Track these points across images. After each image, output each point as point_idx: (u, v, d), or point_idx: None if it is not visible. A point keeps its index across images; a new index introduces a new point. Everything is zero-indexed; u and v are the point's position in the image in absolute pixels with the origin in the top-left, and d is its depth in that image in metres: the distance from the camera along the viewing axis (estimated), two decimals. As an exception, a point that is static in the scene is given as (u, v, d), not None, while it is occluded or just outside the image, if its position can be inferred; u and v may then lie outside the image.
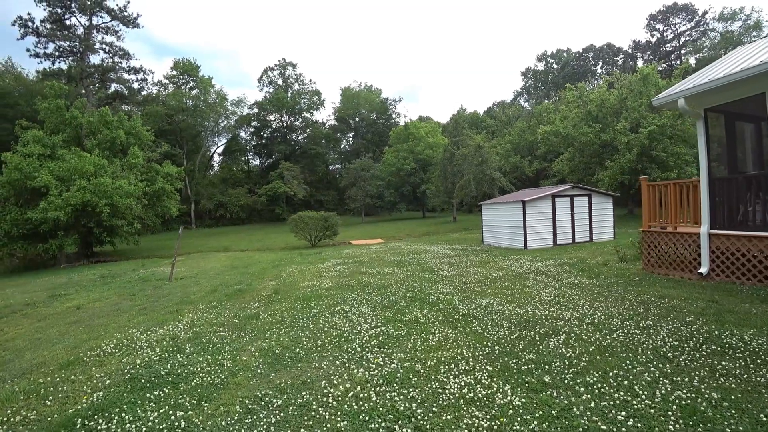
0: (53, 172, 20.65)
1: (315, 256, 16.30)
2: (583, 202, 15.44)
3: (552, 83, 67.61)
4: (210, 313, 7.23)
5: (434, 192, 41.46)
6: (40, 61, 38.71)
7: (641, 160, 24.38)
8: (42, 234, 20.43)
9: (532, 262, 10.68)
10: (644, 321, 5.17)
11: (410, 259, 12.75)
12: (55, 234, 20.70)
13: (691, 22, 54.01)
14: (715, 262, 7.39)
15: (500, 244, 16.00)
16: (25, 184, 20.10)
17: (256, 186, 55.71)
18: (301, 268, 12.50)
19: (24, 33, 37.06)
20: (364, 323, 5.67)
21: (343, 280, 9.35)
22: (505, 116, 59.47)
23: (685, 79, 8.07)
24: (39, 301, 10.53)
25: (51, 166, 20.79)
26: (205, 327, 6.22)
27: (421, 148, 47.18)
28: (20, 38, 37.07)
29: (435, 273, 9.77)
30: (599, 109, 27.20)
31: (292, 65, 63.79)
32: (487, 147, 35.21)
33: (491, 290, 7.47)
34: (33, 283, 14.97)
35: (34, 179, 19.78)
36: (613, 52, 63.51)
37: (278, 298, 7.98)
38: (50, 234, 20.58)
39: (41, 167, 20.57)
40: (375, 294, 7.61)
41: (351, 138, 73.08)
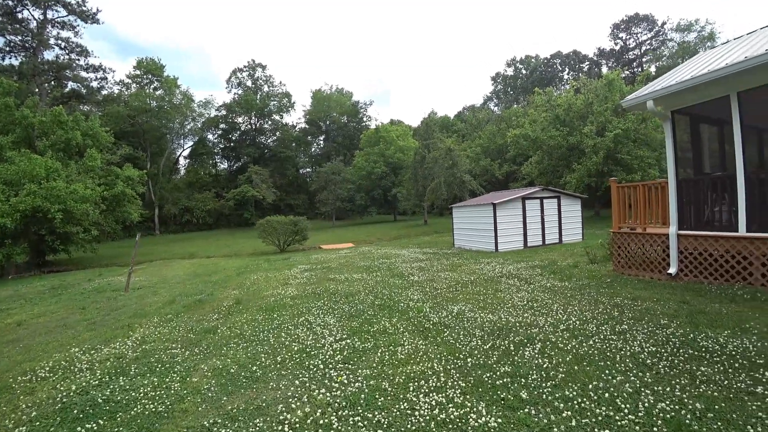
0: (0, 176, 19.21)
1: (283, 262, 15.75)
2: (552, 204, 15.52)
3: (521, 88, 68.92)
4: (164, 327, 6.67)
5: (405, 195, 41.37)
6: (-11, 56, 36.11)
7: (607, 163, 24.96)
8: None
9: (504, 265, 10.54)
10: (619, 325, 5.01)
11: (380, 263, 12.43)
12: (2, 242, 19.25)
13: (651, 32, 56.36)
14: (683, 263, 7.40)
15: (471, 247, 15.89)
16: None
17: (224, 190, 54.11)
18: (267, 275, 11.97)
19: (-30, 25, 34.52)
20: (328, 335, 5.28)
21: (309, 288, 8.92)
22: (476, 120, 60.15)
23: (654, 81, 8.10)
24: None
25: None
26: (157, 344, 5.68)
27: (392, 152, 47.06)
28: None
29: (405, 278, 9.48)
30: (566, 113, 27.76)
31: (262, 66, 62.63)
32: (457, 150, 35.38)
33: (463, 296, 7.21)
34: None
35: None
36: (579, 59, 65.43)
37: (240, 309, 7.48)
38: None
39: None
40: (342, 302, 7.23)
41: (322, 141, 72.38)
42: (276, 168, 58.76)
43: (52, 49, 38.57)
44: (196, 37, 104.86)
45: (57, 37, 38.45)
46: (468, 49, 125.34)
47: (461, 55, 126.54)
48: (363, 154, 49.67)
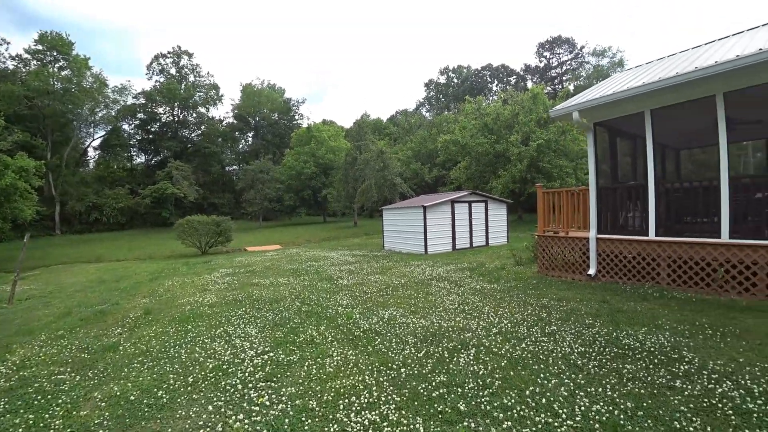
0: None
1: (203, 265, 14.63)
2: (480, 208, 15.95)
3: (452, 96, 71.16)
4: (52, 346, 5.67)
5: (336, 196, 40.86)
6: None
7: (530, 171, 26.40)
8: None
9: (434, 268, 10.54)
10: (549, 326, 5.05)
11: (308, 267, 11.93)
12: None
13: (572, 53, 61.53)
14: (601, 264, 7.80)
15: (401, 249, 15.87)
16: None
17: (140, 186, 49.63)
18: (183, 280, 10.96)
19: None
20: (249, 349, 4.74)
21: (230, 294, 8.22)
22: (408, 124, 61.16)
23: (580, 94, 8.51)
24: None
25: None
26: (39, 368, 4.75)
27: (322, 152, 46.30)
28: None
29: (334, 282, 9.09)
30: (494, 122, 28.94)
31: (188, 54, 58.53)
32: (389, 153, 35.59)
33: (394, 300, 6.99)
34: None
35: None
36: (507, 72, 69.05)
37: (149, 321, 6.64)
38: None
39: None
40: (266, 310, 6.68)
41: (250, 138, 69.42)
42: (200, 164, 55.24)
43: None
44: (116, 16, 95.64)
45: None
46: (403, 54, 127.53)
47: (396, 60, 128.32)
48: (293, 153, 48.32)
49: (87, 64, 47.03)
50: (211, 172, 57.94)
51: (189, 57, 58.59)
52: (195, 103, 58.92)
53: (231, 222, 22.77)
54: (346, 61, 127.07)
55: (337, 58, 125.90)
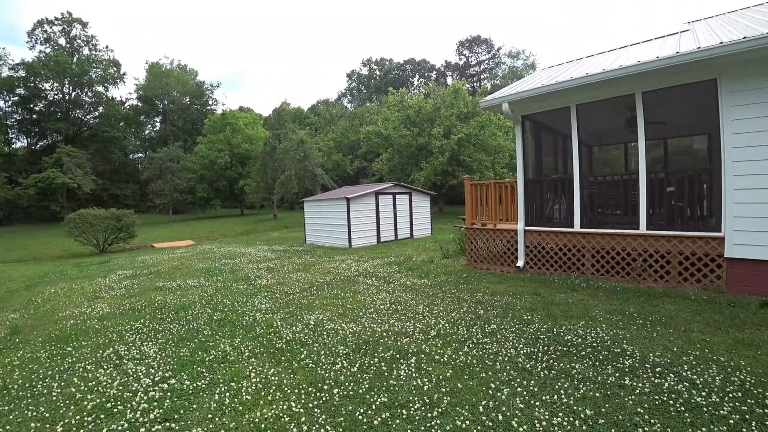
0: None
1: (98, 266, 12.75)
2: (404, 200, 15.75)
3: (374, 88, 71.00)
4: None
5: (253, 188, 38.78)
6: None
7: (451, 164, 26.92)
8: None
9: (359, 263, 10.03)
10: (488, 325, 4.77)
11: (222, 265, 10.79)
12: None
13: (489, 53, 64.61)
14: (529, 256, 7.82)
15: (324, 243, 15.18)
16: None
17: (21, 175, 43.26)
18: (71, 286, 9.31)
19: None
20: (145, 375, 3.81)
21: (128, 302, 6.99)
22: (329, 114, 59.95)
23: (510, 86, 8.48)
24: None
25: None
26: None
27: (238, 140, 43.66)
28: None
29: (251, 282, 8.19)
30: (417, 115, 29.07)
31: (82, 23, 51.58)
32: (310, 143, 34.45)
33: (319, 301, 6.36)
34: None
35: None
36: (428, 67, 70.40)
37: (15, 343, 5.28)
38: None
39: None
40: (170, 320, 5.67)
41: (158, 123, 63.56)
42: (97, 150, 49.17)
43: None
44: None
45: None
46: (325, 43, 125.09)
47: (318, 49, 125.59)
48: (206, 140, 45.02)
49: None
50: (111, 159, 52.14)
51: (83, 26, 51.93)
52: (91, 81, 52.29)
53: (134, 216, 20.45)
54: (265, 47, 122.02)
55: (256, 43, 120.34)
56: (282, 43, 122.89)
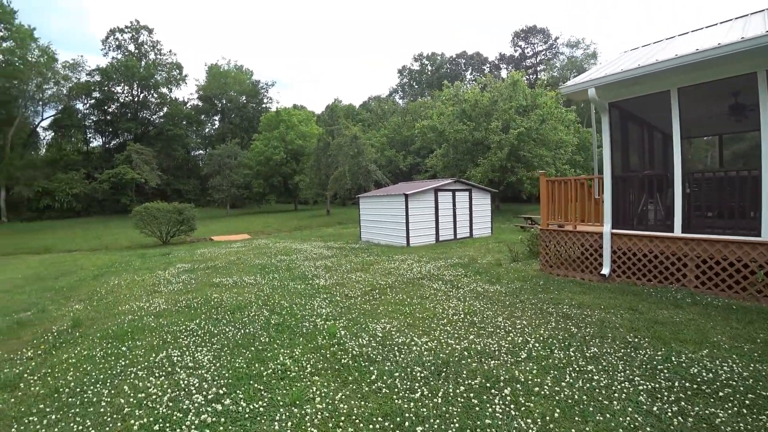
0: None
1: (160, 258, 13.04)
2: (464, 197, 14.94)
3: (426, 83, 69.98)
4: None
5: (307, 183, 39.12)
6: None
7: (510, 159, 25.61)
8: None
9: (421, 264, 9.40)
10: (586, 347, 4.00)
11: (279, 262, 10.54)
12: None
13: (546, 44, 61.34)
14: (616, 263, 6.86)
15: (380, 241, 14.69)
16: None
17: (97, 171, 46.29)
18: (133, 278, 9.43)
19: None
20: (197, 390, 3.42)
21: (184, 298, 6.82)
22: (381, 110, 59.57)
23: (593, 70, 7.52)
24: None
25: None
26: None
27: (292, 137, 44.23)
28: None
29: (309, 282, 7.78)
30: (473, 109, 27.95)
31: (148, 30, 54.54)
32: (363, 138, 34.18)
33: (384, 307, 5.80)
34: None
35: None
36: (481, 60, 68.35)
37: (75, 337, 5.21)
38: None
39: None
40: (226, 322, 5.35)
41: (217, 121, 66.11)
42: (162, 148, 51.86)
43: None
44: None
45: None
46: (376, 40, 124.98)
47: (369, 46, 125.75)
48: (262, 137, 46.03)
49: (32, 35, 42.83)
50: (174, 156, 54.79)
51: (149, 33, 54.78)
52: (156, 83, 55.23)
53: (195, 209, 21.07)
54: (318, 46, 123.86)
55: (308, 42, 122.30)
56: (333, 42, 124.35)
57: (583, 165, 32.12)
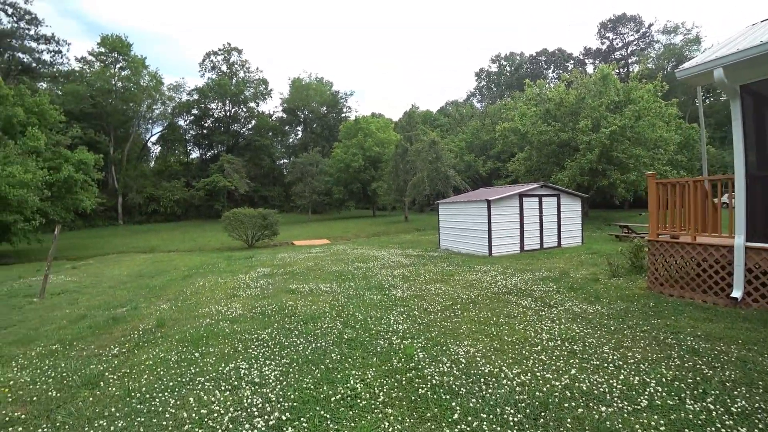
0: None
1: (243, 261, 13.58)
2: (551, 203, 13.78)
3: (505, 85, 67.61)
4: (33, 368, 4.56)
5: (385, 190, 39.29)
6: None
7: (601, 161, 23.46)
8: None
9: (506, 276, 8.64)
10: (730, 399, 3.11)
11: (355, 269, 10.35)
12: None
13: (638, 33, 55.91)
14: (752, 284, 5.63)
15: (460, 249, 14.00)
16: None
17: (195, 179, 50.90)
18: (217, 280, 9.81)
19: None
20: (258, 412, 3.16)
21: (260, 304, 6.80)
22: (459, 115, 58.40)
23: (716, 47, 6.32)
24: None
25: None
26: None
27: (370, 144, 44.83)
28: None
29: (386, 292, 7.42)
30: (558, 108, 26.16)
31: (238, 51, 59.23)
32: (441, 143, 33.52)
33: (467, 326, 5.22)
34: None
35: None
36: (564, 57, 64.38)
37: (157, 338, 5.36)
38: None
39: None
40: (298, 332, 5.14)
41: (300, 131, 69.55)
42: (251, 158, 55.97)
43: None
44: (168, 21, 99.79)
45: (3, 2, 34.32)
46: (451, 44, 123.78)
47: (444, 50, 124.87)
48: (342, 145, 47.29)
49: (144, 64, 48.72)
50: (261, 165, 58.44)
51: (239, 53, 59.24)
52: (245, 99, 59.55)
53: (278, 215, 22.00)
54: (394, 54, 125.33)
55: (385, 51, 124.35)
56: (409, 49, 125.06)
57: (687, 166, 28.61)
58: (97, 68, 46.55)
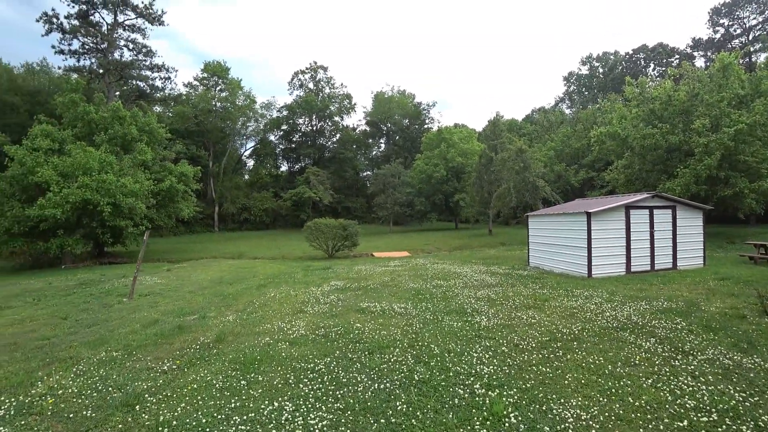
0: (57, 168, 19.04)
1: (320, 272, 13.30)
2: (665, 216, 11.72)
3: (598, 87, 62.42)
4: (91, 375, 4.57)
5: (469, 202, 37.73)
6: (65, 58, 37.70)
7: (722, 167, 20.03)
8: (43, 232, 19.05)
9: (614, 304, 7.14)
10: None
11: (434, 287, 9.38)
12: (55, 233, 19.11)
13: (763, 15, 47.83)
14: None
15: (553, 268, 12.41)
16: (26, 179, 18.83)
17: (283, 190, 53.73)
18: (289, 291, 9.49)
19: (49, 29, 35.93)
20: None
21: (325, 325, 6.15)
22: (547, 122, 54.93)
23: None
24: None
25: (55, 161, 19.22)
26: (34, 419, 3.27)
27: (452, 155, 43.60)
28: (45, 35, 36.05)
29: (468, 318, 6.37)
30: (664, 107, 22.94)
31: (323, 68, 61.90)
32: (529, 152, 31.37)
33: (572, 374, 4.03)
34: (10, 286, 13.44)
35: (35, 174, 18.46)
36: (667, 52, 57.18)
37: (212, 354, 4.97)
38: (52, 232, 19.10)
39: (46, 162, 19.17)
40: (360, 366, 4.36)
41: (382, 143, 70.57)
42: (335, 170, 57.82)
43: (121, 50, 39.63)
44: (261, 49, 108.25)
45: (127, 39, 39.42)
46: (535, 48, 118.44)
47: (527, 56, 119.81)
48: (424, 156, 46.67)
49: (239, 85, 53.18)
50: (345, 177, 59.91)
51: (324, 71, 61.90)
52: (330, 113, 61.82)
53: (358, 226, 21.82)
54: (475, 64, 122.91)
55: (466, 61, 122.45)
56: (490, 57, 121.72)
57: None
58: (200, 91, 51.40)
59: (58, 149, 21.03)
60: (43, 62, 45.18)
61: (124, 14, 38.86)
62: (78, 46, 37.50)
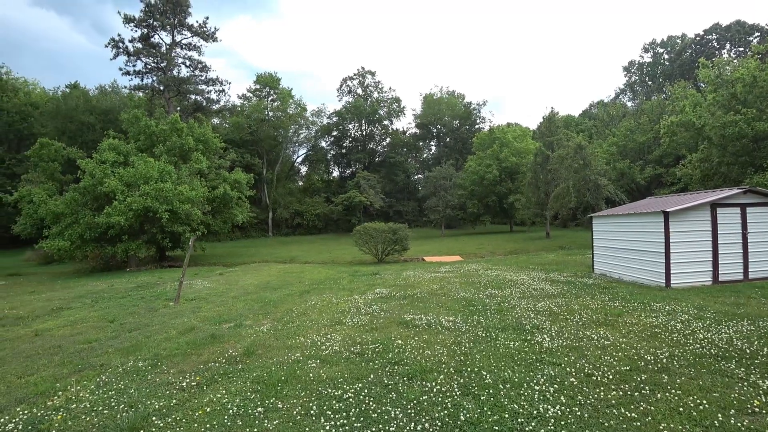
0: (122, 178, 20.47)
1: (366, 278, 12.77)
2: (762, 215, 10.08)
3: (663, 75, 57.18)
4: (112, 387, 4.43)
5: (524, 203, 35.79)
6: (131, 78, 41.07)
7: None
8: (111, 238, 20.57)
9: (705, 323, 5.92)
10: None
11: (488, 297, 8.48)
12: (120, 239, 20.62)
13: None
14: None
15: (622, 275, 11.06)
16: (96, 189, 20.34)
17: (334, 195, 54.37)
18: (331, 299, 9.03)
19: (116, 53, 39.28)
20: None
21: (363, 339, 5.54)
22: (607, 116, 51.27)
23: None
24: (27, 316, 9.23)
25: (120, 172, 20.68)
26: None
27: (506, 154, 41.77)
28: (113, 58, 39.53)
29: (527, 338, 5.48)
30: (749, 90, 20.25)
31: (371, 73, 62.05)
32: (589, 148, 29.23)
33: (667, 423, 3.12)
34: (78, 287, 14.04)
35: (103, 184, 19.94)
36: (745, 30, 50.87)
37: (236, 370, 4.58)
38: (118, 238, 20.60)
39: (112, 173, 20.73)
40: (395, 396, 3.66)
41: (433, 146, 69.56)
42: (386, 174, 57.71)
43: (179, 66, 42.79)
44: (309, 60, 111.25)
45: (184, 56, 42.60)
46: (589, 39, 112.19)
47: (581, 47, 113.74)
48: (475, 158, 45.14)
49: (290, 94, 54.90)
50: (396, 180, 59.58)
51: (372, 76, 62.00)
52: (380, 118, 61.75)
53: (408, 230, 21.23)
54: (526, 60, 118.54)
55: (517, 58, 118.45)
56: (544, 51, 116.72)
57: None
58: (254, 102, 53.29)
59: (123, 161, 22.52)
60: (114, 83, 49.54)
61: (181, 33, 41.90)
62: (141, 66, 40.69)
